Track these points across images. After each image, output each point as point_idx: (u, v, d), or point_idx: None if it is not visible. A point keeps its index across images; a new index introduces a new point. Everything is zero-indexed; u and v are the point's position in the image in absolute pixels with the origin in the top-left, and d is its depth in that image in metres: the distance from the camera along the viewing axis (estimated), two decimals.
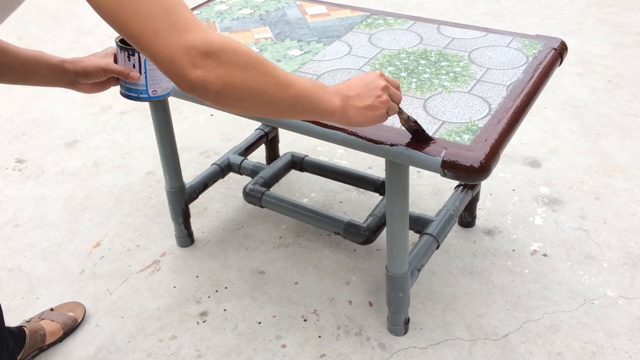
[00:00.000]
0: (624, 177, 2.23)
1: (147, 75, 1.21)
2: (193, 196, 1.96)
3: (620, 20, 3.52)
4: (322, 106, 1.02)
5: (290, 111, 0.98)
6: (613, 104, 2.68)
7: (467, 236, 1.99)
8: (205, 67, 0.83)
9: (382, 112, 1.11)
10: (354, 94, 1.08)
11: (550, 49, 1.57)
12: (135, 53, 1.19)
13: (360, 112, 1.09)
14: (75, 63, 1.20)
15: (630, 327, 1.65)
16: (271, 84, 0.92)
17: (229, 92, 0.87)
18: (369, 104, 1.09)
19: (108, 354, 1.65)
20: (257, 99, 0.91)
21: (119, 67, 1.19)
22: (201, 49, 0.82)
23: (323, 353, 1.62)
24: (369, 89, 1.10)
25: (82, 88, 1.23)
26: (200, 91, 0.85)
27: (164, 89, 1.25)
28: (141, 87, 1.22)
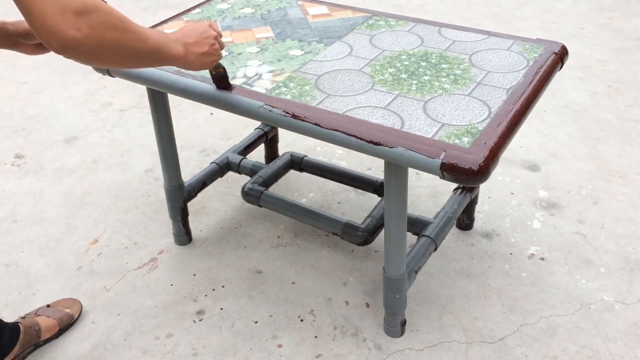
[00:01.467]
0: (623, 182, 2.23)
1: None
2: (192, 194, 1.96)
3: (622, 25, 3.52)
4: (169, 54, 1.13)
5: (146, 61, 1.08)
6: (613, 109, 2.69)
7: (465, 239, 1.99)
8: (79, 27, 0.88)
9: (215, 58, 1.26)
10: (192, 42, 1.20)
11: (551, 53, 1.57)
12: None
13: (199, 58, 1.22)
14: (16, 25, 1.25)
15: (626, 332, 1.65)
16: (134, 39, 1.01)
17: (99, 50, 0.94)
18: (205, 51, 1.23)
19: (104, 351, 1.65)
20: (122, 54, 1.00)
21: None
22: (75, 8, 0.87)
23: (319, 353, 1.62)
24: (204, 37, 1.23)
25: (25, 49, 1.28)
26: (73, 50, 0.90)
27: None
28: None
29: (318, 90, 1.44)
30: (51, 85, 3.05)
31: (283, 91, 1.44)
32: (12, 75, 3.18)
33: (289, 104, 1.39)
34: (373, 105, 1.37)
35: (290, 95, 1.42)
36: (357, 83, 1.47)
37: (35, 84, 3.08)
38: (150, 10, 3.94)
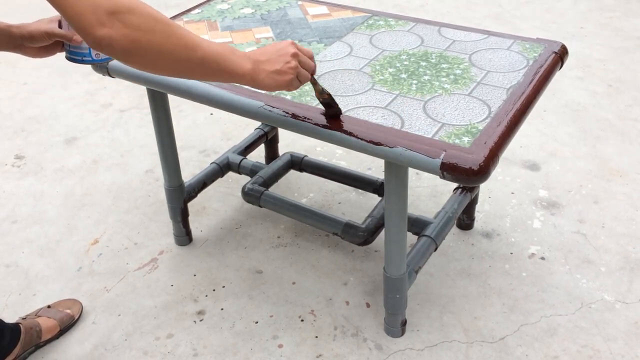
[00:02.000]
0: (623, 182, 2.23)
1: None
2: (192, 195, 1.96)
3: (621, 24, 3.52)
4: (231, 68, 1.09)
5: (199, 72, 1.05)
6: (613, 108, 2.69)
7: (465, 238, 1.99)
8: (111, 25, 0.88)
9: (291, 77, 1.18)
10: (264, 59, 1.15)
11: (551, 52, 1.57)
12: None
13: (270, 76, 1.15)
14: (21, 27, 1.25)
15: (627, 332, 1.65)
16: (178, 45, 0.98)
17: (137, 52, 0.93)
18: (278, 69, 1.16)
19: (104, 352, 1.65)
20: (165, 59, 0.97)
21: (62, 31, 1.23)
22: (108, 8, 0.87)
23: (320, 353, 1.62)
24: (279, 55, 1.17)
25: (29, 52, 1.28)
26: (108, 48, 0.90)
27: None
28: (84, 51, 1.25)
29: None
30: (51, 86, 3.05)
31: (283, 91, 1.44)
32: (12, 76, 3.18)
33: (289, 104, 1.39)
34: (373, 105, 1.37)
35: (290, 96, 1.42)
36: (357, 83, 1.47)
37: (35, 84, 3.08)
38: None
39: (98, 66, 1.64)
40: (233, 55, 1.09)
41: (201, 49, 1.02)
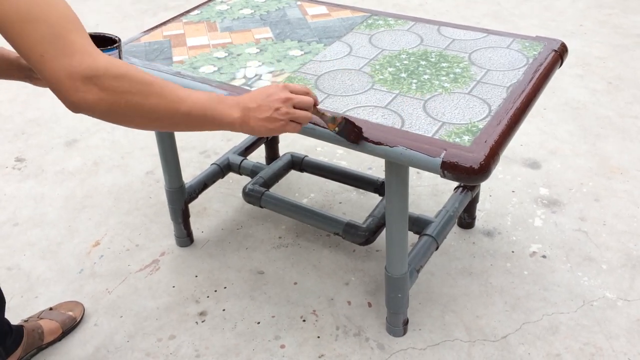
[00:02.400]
0: (624, 179, 2.23)
1: None
2: (192, 196, 1.96)
3: (620, 22, 3.52)
4: (219, 118, 1.07)
5: (184, 125, 1.03)
6: (613, 106, 2.69)
7: (466, 237, 1.99)
8: (88, 90, 0.89)
9: (283, 123, 1.13)
10: (254, 106, 1.11)
11: (551, 50, 1.57)
12: None
13: (261, 123, 1.12)
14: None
15: (629, 329, 1.65)
16: (159, 103, 0.97)
17: (116, 113, 0.93)
18: (267, 116, 1.12)
19: (107, 354, 1.65)
20: (147, 117, 0.97)
21: None
22: (83, 74, 0.88)
23: (322, 353, 1.62)
24: (269, 102, 1.12)
25: (38, 82, 1.29)
26: (86, 111, 0.91)
27: None
28: None
29: (318, 90, 1.44)
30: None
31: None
32: None
33: None
34: (373, 105, 1.37)
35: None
36: (357, 83, 1.47)
37: (36, 87, 3.08)
38: (150, 12, 3.94)
39: None
40: (220, 105, 1.07)
41: (185, 104, 1.01)
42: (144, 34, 1.77)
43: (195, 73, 1.53)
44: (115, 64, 0.92)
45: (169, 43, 1.70)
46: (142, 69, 1.56)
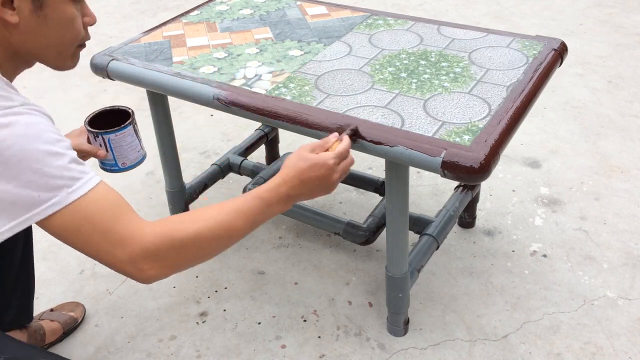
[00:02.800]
0: (624, 178, 2.23)
1: (113, 151, 1.35)
2: (193, 196, 1.96)
3: (621, 21, 3.52)
4: (270, 217, 1.12)
5: (240, 239, 1.09)
6: (613, 105, 2.68)
7: (467, 237, 1.99)
8: (149, 268, 0.96)
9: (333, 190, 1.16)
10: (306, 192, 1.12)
11: (551, 49, 1.57)
12: (99, 135, 1.32)
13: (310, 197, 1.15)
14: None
15: (630, 328, 1.65)
16: (216, 246, 1.04)
17: (184, 267, 1.02)
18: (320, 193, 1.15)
19: (108, 354, 1.65)
20: (210, 256, 1.05)
21: (88, 147, 1.35)
22: (140, 257, 0.95)
23: (323, 353, 1.62)
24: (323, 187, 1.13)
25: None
26: (156, 280, 0.99)
27: (133, 160, 1.40)
28: (110, 162, 1.37)
29: (318, 90, 1.44)
30: (51, 89, 3.05)
31: (283, 92, 1.44)
32: None
33: (289, 104, 1.39)
34: (373, 105, 1.37)
35: (290, 96, 1.42)
36: (357, 82, 1.47)
37: (36, 88, 3.08)
38: (149, 13, 3.94)
39: (98, 69, 1.64)
40: (270, 209, 1.09)
41: (238, 231, 1.05)
42: (144, 34, 1.77)
43: (195, 73, 1.53)
44: (162, 233, 0.97)
45: (169, 43, 1.70)
46: (146, 67, 1.56)
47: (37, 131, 0.91)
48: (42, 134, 0.91)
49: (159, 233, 0.97)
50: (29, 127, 0.90)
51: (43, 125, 0.93)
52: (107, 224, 0.94)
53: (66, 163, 0.92)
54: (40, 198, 0.90)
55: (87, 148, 1.34)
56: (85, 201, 0.93)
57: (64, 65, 1.08)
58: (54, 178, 0.90)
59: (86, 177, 0.94)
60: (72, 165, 0.93)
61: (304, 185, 1.11)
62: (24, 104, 0.95)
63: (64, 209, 0.91)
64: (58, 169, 0.91)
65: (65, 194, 0.91)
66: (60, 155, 0.92)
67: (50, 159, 0.90)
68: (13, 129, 0.88)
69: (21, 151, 0.88)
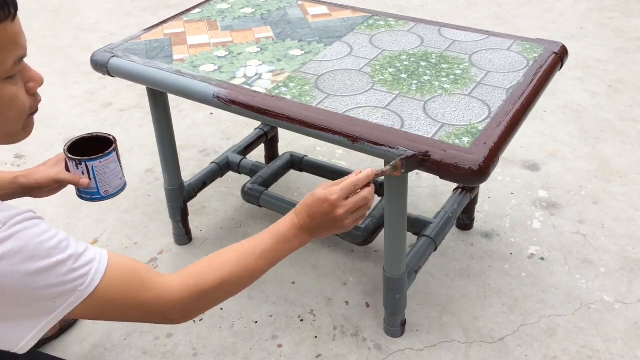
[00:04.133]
0: (623, 182, 2.23)
1: (96, 179, 1.29)
2: (192, 194, 1.96)
3: (621, 25, 3.52)
4: (287, 254, 1.14)
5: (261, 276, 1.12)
6: (613, 109, 2.69)
7: (465, 239, 1.99)
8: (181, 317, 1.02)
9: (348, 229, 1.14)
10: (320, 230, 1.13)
11: (551, 53, 1.57)
12: (82, 162, 1.27)
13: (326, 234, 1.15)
14: (28, 177, 1.29)
15: (626, 332, 1.65)
16: (239, 289, 1.08)
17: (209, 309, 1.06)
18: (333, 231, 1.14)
19: (104, 351, 1.65)
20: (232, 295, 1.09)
21: (68, 175, 1.29)
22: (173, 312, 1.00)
23: (319, 353, 1.62)
24: (331, 222, 1.11)
25: (38, 195, 1.33)
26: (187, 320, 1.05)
27: (115, 187, 1.33)
28: (92, 190, 1.31)
29: (318, 90, 1.44)
30: (51, 85, 3.05)
31: (283, 91, 1.44)
32: None
33: (289, 104, 1.39)
34: (373, 105, 1.37)
35: (290, 95, 1.42)
36: (357, 83, 1.47)
37: None
38: (150, 10, 3.94)
39: (98, 66, 1.64)
40: (286, 244, 1.12)
41: (258, 269, 1.08)
42: (145, 32, 1.77)
43: (195, 72, 1.53)
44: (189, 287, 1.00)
45: (170, 41, 1.70)
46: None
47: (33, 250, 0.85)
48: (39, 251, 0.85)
49: (186, 288, 1.00)
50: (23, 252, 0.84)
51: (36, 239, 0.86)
52: (131, 300, 0.95)
53: (71, 265, 0.88)
54: (56, 304, 0.88)
55: (67, 177, 1.28)
56: (101, 289, 0.91)
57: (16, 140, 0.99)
58: (63, 284, 0.88)
59: (94, 266, 0.91)
60: (77, 265, 0.89)
61: (313, 220, 1.11)
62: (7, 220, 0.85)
63: (82, 303, 0.90)
64: (64, 275, 0.88)
65: (80, 293, 0.89)
66: (62, 263, 0.87)
67: (55, 269, 0.87)
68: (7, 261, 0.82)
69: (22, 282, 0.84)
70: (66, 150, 1.29)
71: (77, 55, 3.37)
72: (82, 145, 1.31)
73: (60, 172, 1.29)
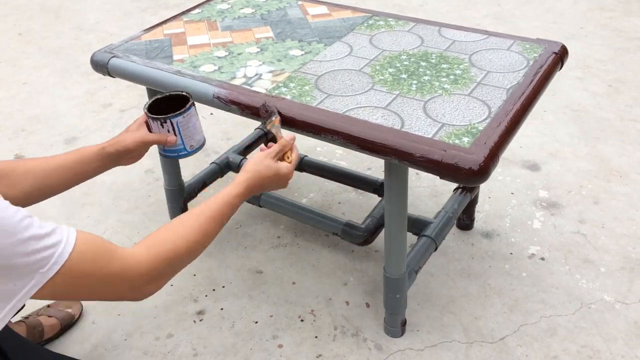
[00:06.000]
0: (623, 182, 2.23)
1: (181, 135, 1.32)
2: (192, 195, 1.96)
3: (622, 25, 3.52)
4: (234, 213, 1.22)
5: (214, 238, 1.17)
6: (613, 109, 2.69)
7: (465, 239, 1.99)
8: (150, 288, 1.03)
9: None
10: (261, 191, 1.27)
11: (551, 52, 1.57)
12: (167, 120, 1.30)
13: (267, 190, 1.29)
14: (115, 145, 1.31)
15: (626, 332, 1.65)
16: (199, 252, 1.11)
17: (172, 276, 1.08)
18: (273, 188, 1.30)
19: (104, 352, 1.65)
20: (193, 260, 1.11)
21: (155, 136, 1.32)
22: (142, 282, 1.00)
23: (319, 353, 1.62)
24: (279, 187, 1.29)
25: (126, 161, 1.36)
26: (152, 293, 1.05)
27: (199, 141, 1.38)
28: (179, 147, 1.34)
29: (318, 90, 1.44)
30: (52, 86, 3.05)
31: (283, 91, 1.44)
32: (12, 75, 3.18)
33: (289, 104, 1.39)
34: (373, 105, 1.37)
35: (290, 95, 1.42)
36: (357, 83, 1.47)
37: (36, 84, 3.08)
38: (150, 11, 3.94)
39: (98, 66, 1.64)
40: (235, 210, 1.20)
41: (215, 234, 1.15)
42: (145, 32, 1.77)
43: (195, 72, 1.53)
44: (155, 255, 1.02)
45: (170, 41, 1.70)
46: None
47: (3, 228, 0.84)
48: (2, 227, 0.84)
49: (153, 255, 1.01)
50: None
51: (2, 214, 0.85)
52: (100, 273, 0.95)
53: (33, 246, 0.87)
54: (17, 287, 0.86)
55: (154, 137, 1.32)
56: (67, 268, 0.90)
57: None
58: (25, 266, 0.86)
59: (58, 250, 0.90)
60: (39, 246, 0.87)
61: (262, 188, 1.26)
62: None
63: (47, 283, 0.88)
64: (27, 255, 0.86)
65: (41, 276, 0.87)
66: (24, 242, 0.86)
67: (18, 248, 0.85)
68: None
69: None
70: (147, 112, 1.32)
71: (77, 56, 3.37)
72: (159, 106, 1.34)
73: (145, 134, 1.32)
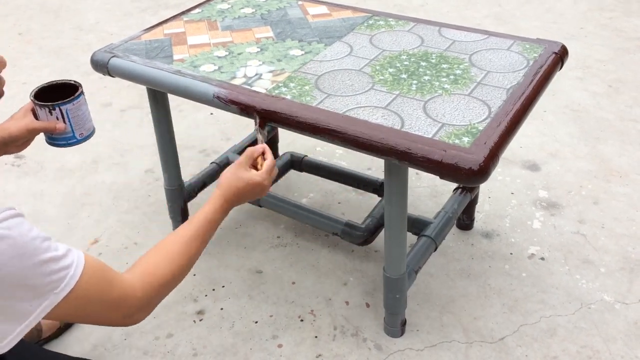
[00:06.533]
0: (623, 182, 2.23)
1: (71, 122, 1.28)
2: (192, 195, 1.96)
3: (622, 25, 3.52)
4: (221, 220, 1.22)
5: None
6: (613, 109, 2.69)
7: (465, 239, 1.99)
8: (142, 315, 1.04)
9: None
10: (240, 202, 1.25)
11: (551, 53, 1.57)
12: (55, 107, 1.25)
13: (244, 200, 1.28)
14: (0, 132, 1.26)
15: (626, 332, 1.65)
16: (185, 274, 1.12)
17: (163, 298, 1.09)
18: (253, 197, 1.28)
19: (104, 351, 1.65)
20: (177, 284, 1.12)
21: (43, 123, 1.27)
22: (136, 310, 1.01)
23: (319, 353, 1.62)
24: (257, 195, 1.27)
25: (12, 150, 1.30)
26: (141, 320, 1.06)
27: (88, 129, 1.33)
28: (68, 135, 1.29)
29: (318, 90, 1.44)
30: None
31: (283, 91, 1.44)
32: (12, 75, 3.18)
33: (289, 104, 1.39)
34: (373, 105, 1.37)
35: (290, 95, 1.42)
36: (357, 83, 1.47)
37: (36, 84, 3.07)
38: (150, 11, 3.94)
39: (98, 66, 1.64)
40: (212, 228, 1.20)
41: (199, 254, 1.16)
42: (145, 32, 1.77)
43: (195, 72, 1.53)
44: (149, 283, 1.03)
45: (170, 41, 1.70)
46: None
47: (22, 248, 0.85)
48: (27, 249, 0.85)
49: (147, 284, 1.03)
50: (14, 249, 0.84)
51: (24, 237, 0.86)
52: (99, 300, 0.96)
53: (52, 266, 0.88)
54: (32, 307, 0.87)
55: (42, 125, 1.26)
56: (75, 292, 0.91)
57: None
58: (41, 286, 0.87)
59: (70, 272, 0.90)
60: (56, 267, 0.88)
61: (240, 200, 1.25)
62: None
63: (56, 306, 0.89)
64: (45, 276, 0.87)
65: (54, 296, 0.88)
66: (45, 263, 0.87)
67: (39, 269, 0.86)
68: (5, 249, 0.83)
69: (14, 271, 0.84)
70: (33, 99, 1.27)
71: (77, 56, 3.37)
72: (46, 95, 1.29)
73: (31, 122, 1.27)
